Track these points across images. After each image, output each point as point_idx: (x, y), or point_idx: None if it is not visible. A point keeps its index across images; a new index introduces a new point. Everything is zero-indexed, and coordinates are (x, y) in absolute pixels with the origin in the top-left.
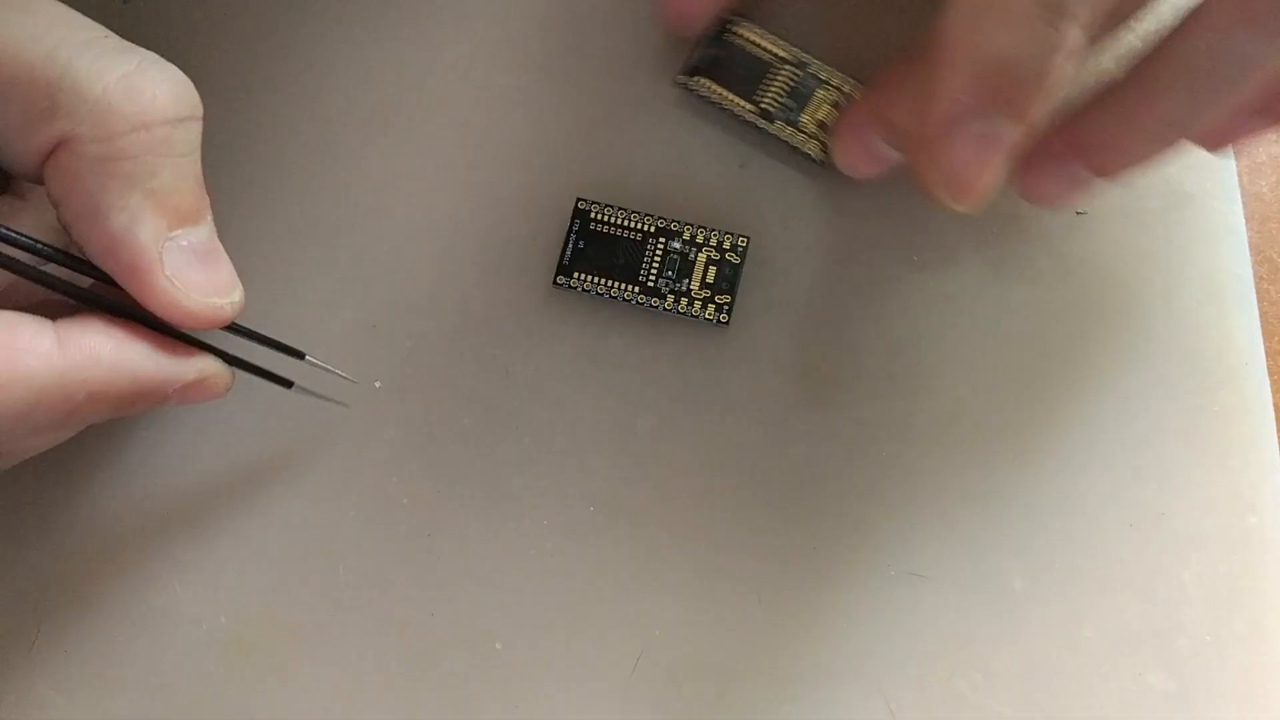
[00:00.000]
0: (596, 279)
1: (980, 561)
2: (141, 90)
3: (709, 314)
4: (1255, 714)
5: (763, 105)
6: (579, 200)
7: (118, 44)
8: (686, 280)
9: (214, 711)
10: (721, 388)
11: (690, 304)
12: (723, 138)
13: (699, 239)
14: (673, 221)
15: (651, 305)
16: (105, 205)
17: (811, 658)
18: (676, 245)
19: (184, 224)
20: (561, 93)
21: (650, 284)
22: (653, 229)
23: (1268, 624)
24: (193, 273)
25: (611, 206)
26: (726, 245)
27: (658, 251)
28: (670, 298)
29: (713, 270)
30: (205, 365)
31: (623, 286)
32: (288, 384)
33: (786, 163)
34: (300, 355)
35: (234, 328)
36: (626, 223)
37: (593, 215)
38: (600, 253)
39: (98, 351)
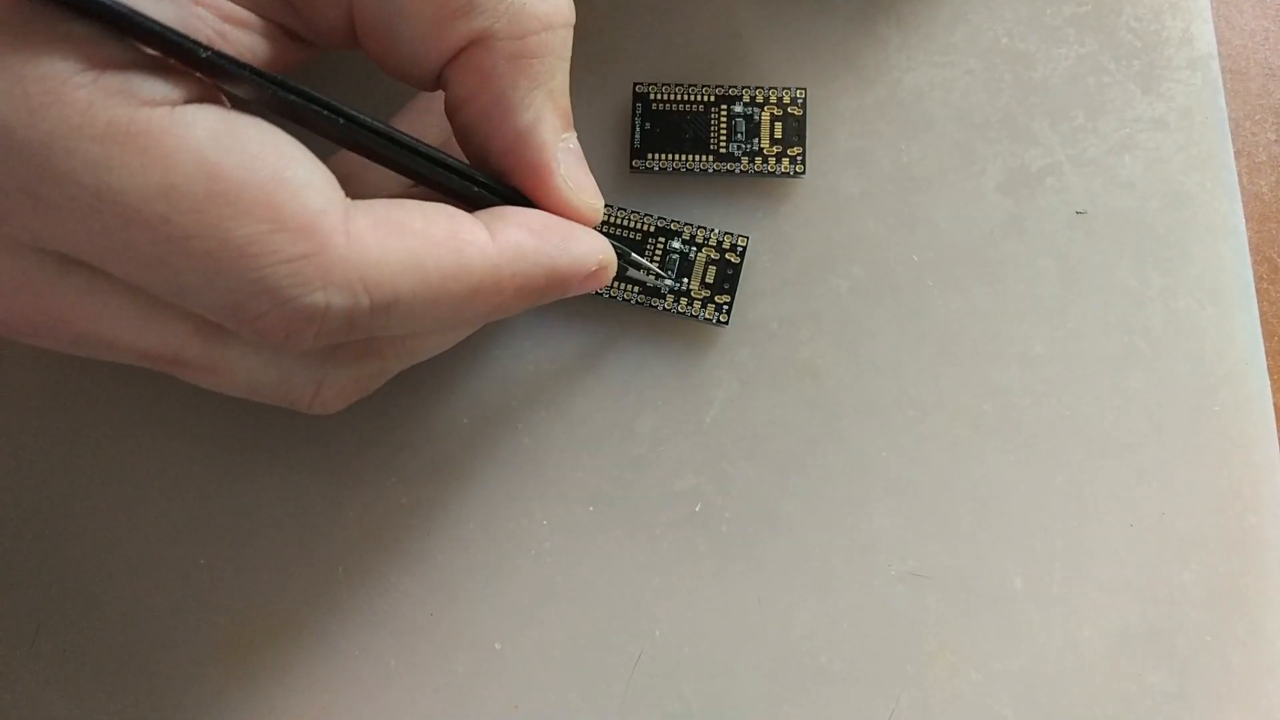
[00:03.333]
0: None
1: (980, 561)
2: None
3: (709, 314)
4: (1255, 714)
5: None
6: None
7: None
8: (686, 280)
9: (214, 711)
10: (721, 388)
11: (690, 304)
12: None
13: (699, 238)
14: (673, 221)
15: (651, 305)
16: (514, 103)
17: (811, 657)
18: (676, 245)
19: (568, 128)
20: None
21: (650, 283)
22: (652, 228)
23: (1268, 624)
24: (580, 174)
25: (611, 205)
26: (726, 245)
27: (657, 251)
28: (670, 297)
29: (713, 270)
30: (604, 254)
31: (623, 286)
32: (659, 288)
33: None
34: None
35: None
36: (627, 222)
37: None
38: None
39: (521, 245)
